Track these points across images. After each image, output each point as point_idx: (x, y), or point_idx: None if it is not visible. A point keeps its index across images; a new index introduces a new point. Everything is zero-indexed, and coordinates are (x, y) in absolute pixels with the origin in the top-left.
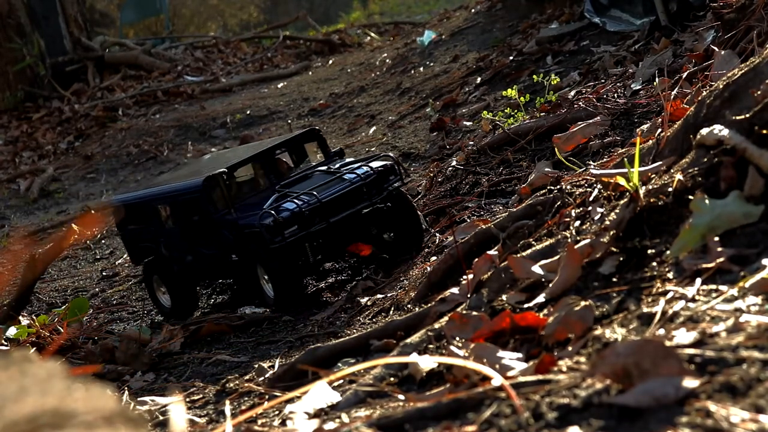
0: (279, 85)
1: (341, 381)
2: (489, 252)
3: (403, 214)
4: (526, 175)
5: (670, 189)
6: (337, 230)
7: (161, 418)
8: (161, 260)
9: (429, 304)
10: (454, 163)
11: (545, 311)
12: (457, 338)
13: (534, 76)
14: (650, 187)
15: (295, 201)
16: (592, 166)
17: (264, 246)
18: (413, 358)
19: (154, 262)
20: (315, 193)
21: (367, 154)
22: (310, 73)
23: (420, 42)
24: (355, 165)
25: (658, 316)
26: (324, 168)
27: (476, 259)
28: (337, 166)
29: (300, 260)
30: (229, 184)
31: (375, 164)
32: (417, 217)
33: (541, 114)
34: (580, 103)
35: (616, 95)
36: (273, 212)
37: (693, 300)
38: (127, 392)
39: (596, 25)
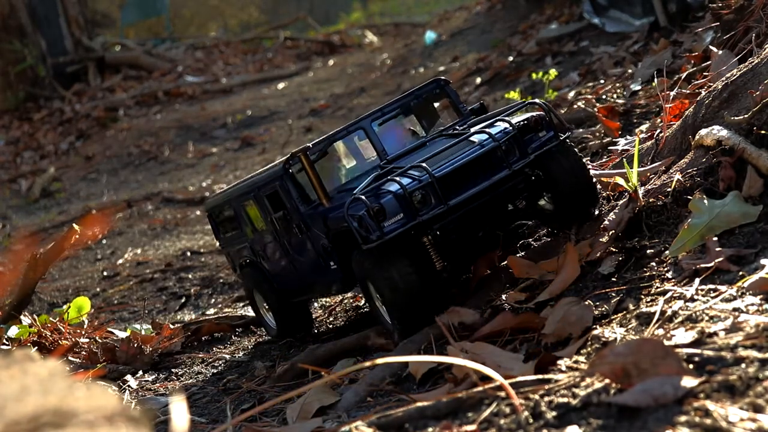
0: (279, 86)
1: (341, 380)
2: (489, 252)
3: (566, 177)
4: None
5: (669, 189)
6: (465, 216)
7: (162, 417)
8: (258, 271)
9: None
10: None
11: (545, 311)
12: (457, 338)
13: (533, 74)
14: (649, 187)
15: (398, 180)
16: (590, 166)
17: (359, 248)
18: (413, 357)
19: (251, 273)
20: (426, 165)
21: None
22: (311, 73)
23: (429, 39)
24: (489, 122)
25: (656, 316)
26: (450, 132)
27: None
28: (467, 126)
29: (419, 266)
30: (323, 166)
31: (518, 118)
32: (587, 177)
33: None
34: (580, 103)
35: (615, 96)
36: (364, 198)
37: (692, 300)
38: (128, 391)
39: (595, 25)
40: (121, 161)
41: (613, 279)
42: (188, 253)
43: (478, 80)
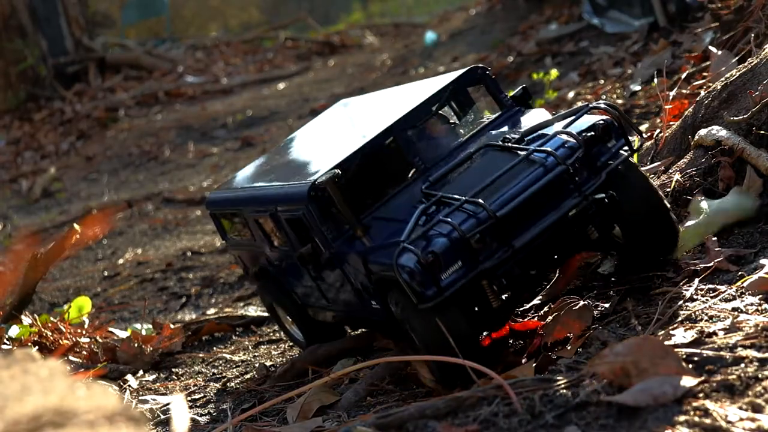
0: (279, 86)
1: (341, 380)
2: None
3: (636, 197)
4: None
5: (668, 189)
6: (529, 254)
7: (162, 417)
8: (276, 283)
9: None
10: None
11: (545, 311)
12: None
13: (533, 74)
14: None
15: (451, 221)
16: None
17: (411, 303)
18: (413, 357)
19: (269, 286)
20: (482, 201)
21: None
22: (311, 73)
23: (429, 40)
24: (548, 133)
25: (656, 316)
26: (497, 139)
27: None
28: (519, 135)
29: (472, 313)
30: (355, 183)
31: (580, 125)
32: (659, 200)
33: None
34: (579, 104)
35: (614, 96)
36: (414, 249)
37: (691, 300)
38: (128, 391)
39: (595, 26)
40: (121, 161)
41: (613, 279)
42: (189, 253)
43: None
